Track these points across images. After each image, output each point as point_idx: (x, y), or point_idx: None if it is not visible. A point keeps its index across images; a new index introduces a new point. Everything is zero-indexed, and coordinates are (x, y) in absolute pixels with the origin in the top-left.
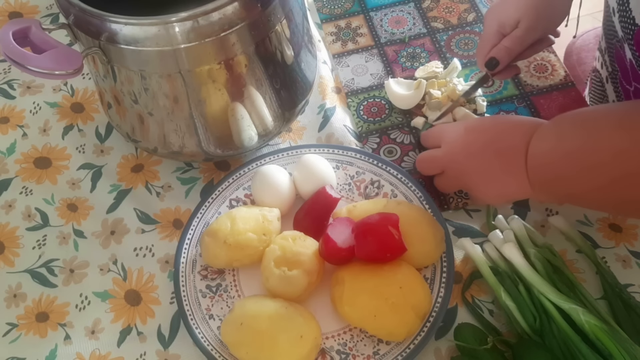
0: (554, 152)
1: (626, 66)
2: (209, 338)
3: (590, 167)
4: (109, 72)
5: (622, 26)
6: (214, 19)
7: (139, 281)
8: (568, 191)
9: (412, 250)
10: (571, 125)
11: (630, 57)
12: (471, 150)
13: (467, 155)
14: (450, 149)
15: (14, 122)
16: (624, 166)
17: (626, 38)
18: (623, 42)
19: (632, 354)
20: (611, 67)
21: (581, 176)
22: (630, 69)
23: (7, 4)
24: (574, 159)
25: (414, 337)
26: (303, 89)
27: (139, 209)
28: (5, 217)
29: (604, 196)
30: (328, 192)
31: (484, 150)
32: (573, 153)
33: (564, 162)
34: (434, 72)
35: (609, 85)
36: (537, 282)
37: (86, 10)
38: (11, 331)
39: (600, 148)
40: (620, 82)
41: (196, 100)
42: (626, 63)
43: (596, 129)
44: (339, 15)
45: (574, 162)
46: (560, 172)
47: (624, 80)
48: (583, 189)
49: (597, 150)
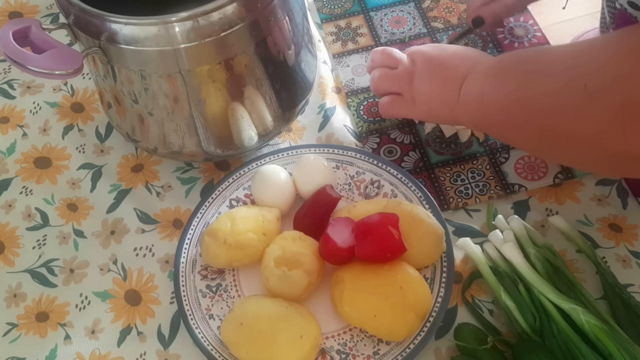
0: (479, 97)
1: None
2: (209, 338)
3: (514, 117)
4: (109, 72)
5: (608, 10)
6: (214, 19)
7: (139, 281)
8: (490, 130)
9: (412, 250)
10: (504, 76)
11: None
12: (424, 68)
13: (420, 73)
14: (407, 67)
15: (14, 122)
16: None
17: (610, 23)
18: (609, 28)
19: (632, 354)
20: (609, 18)
21: (504, 123)
22: (619, 16)
23: (7, 4)
24: (498, 109)
25: (414, 337)
26: (303, 89)
27: (139, 209)
28: (5, 217)
29: (524, 136)
30: (328, 192)
31: (433, 70)
32: (496, 103)
33: (488, 108)
34: None
35: None
36: (537, 282)
37: (86, 10)
38: (11, 331)
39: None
40: None
41: (196, 100)
42: (617, 9)
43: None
44: (339, 15)
45: (498, 111)
46: (484, 115)
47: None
48: (506, 133)
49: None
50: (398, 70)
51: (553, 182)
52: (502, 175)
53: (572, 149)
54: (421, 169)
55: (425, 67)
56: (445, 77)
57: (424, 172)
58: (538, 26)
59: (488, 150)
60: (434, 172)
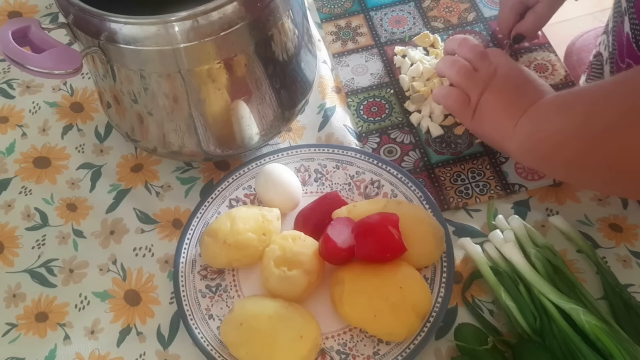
0: (531, 136)
1: (623, 42)
2: (209, 338)
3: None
4: (108, 71)
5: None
6: (214, 19)
7: (139, 281)
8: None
9: (412, 250)
10: (546, 111)
11: (628, 30)
12: (499, 82)
13: (495, 85)
14: (488, 74)
15: (13, 121)
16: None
17: (628, 7)
18: (624, 15)
19: (632, 354)
20: (612, 47)
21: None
22: (626, 45)
23: (6, 4)
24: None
25: (414, 337)
26: (303, 89)
27: (139, 209)
28: (5, 217)
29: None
30: (336, 196)
31: (506, 89)
32: (546, 138)
33: (539, 145)
34: (429, 40)
35: (607, 66)
36: (538, 282)
37: (85, 10)
38: (10, 331)
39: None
40: (616, 61)
41: (196, 99)
42: (623, 38)
43: (570, 115)
44: (339, 15)
45: (545, 146)
46: (535, 152)
47: (619, 58)
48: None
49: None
50: (480, 74)
51: (553, 182)
52: (503, 175)
53: None
54: (421, 169)
55: (501, 82)
56: (512, 101)
57: (424, 172)
58: None
59: (488, 150)
60: (434, 172)
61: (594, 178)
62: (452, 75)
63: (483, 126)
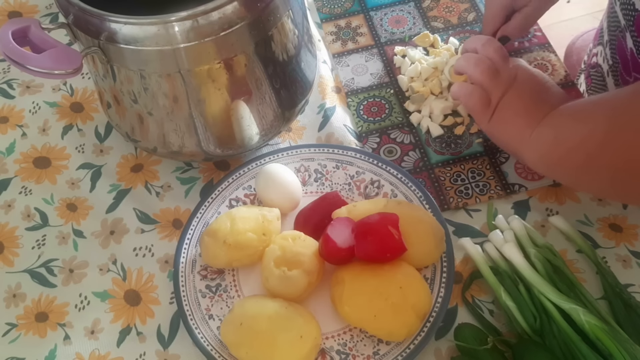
0: (549, 143)
1: (627, 56)
2: (209, 338)
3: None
4: (108, 71)
5: (623, 14)
6: (214, 19)
7: (139, 281)
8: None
9: (412, 250)
10: (564, 119)
11: (632, 45)
12: (520, 86)
13: (516, 89)
14: (510, 76)
15: (13, 121)
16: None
17: (628, 25)
18: (625, 31)
19: (632, 354)
20: (612, 60)
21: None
22: (631, 59)
23: (6, 4)
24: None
25: (414, 337)
26: (303, 89)
27: (139, 209)
28: (5, 217)
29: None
30: (337, 196)
31: (526, 93)
32: (563, 144)
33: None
34: (429, 40)
35: (610, 78)
36: (538, 282)
37: (85, 10)
38: (10, 331)
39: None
40: (621, 74)
41: (196, 99)
42: (627, 53)
43: (585, 122)
44: (338, 15)
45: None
46: (552, 160)
47: (624, 71)
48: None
49: (585, 142)
50: (503, 75)
51: (553, 182)
52: (502, 175)
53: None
54: (421, 169)
55: (522, 85)
56: (531, 105)
57: (424, 172)
58: (538, 26)
59: (488, 150)
60: (434, 172)
61: (611, 186)
62: (477, 74)
63: (500, 129)
